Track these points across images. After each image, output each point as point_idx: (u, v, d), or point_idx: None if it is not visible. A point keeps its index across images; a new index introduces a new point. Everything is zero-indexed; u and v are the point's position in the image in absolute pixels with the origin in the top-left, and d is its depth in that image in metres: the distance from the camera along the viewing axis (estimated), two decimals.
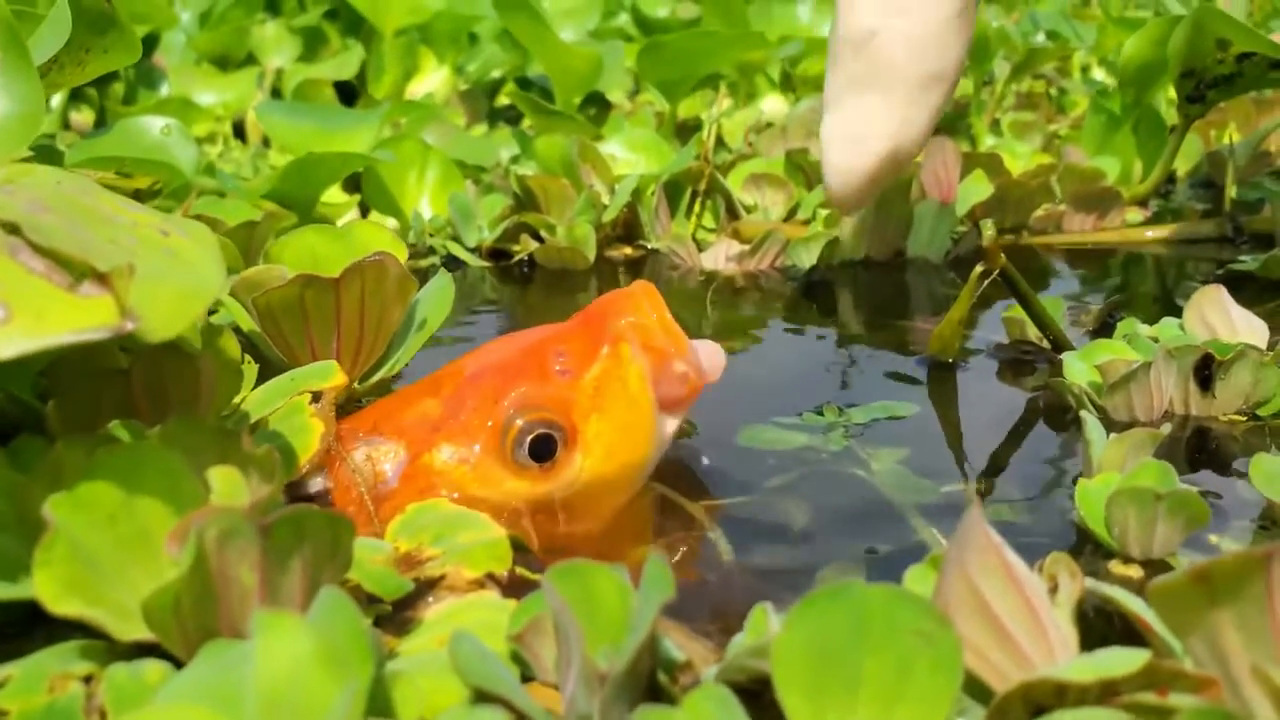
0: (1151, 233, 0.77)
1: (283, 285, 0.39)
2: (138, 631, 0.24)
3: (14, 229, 0.24)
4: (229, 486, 0.25)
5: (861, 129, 0.33)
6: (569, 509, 0.37)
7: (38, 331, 0.23)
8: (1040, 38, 1.34)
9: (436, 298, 0.46)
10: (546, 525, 0.36)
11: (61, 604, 0.23)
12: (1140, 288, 0.69)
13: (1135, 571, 0.33)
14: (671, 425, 0.40)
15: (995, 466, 0.42)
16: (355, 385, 0.44)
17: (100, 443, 0.25)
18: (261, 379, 0.39)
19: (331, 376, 0.36)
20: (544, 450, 0.37)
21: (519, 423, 0.36)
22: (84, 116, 1.15)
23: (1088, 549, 0.35)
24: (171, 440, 0.26)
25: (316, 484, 0.36)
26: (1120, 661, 0.24)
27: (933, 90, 0.33)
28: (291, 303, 0.40)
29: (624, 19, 1.46)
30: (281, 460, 0.28)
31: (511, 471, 0.36)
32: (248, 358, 0.41)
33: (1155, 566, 0.33)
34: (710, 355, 0.40)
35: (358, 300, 0.41)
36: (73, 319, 0.24)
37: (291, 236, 0.46)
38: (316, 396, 0.35)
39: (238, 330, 0.44)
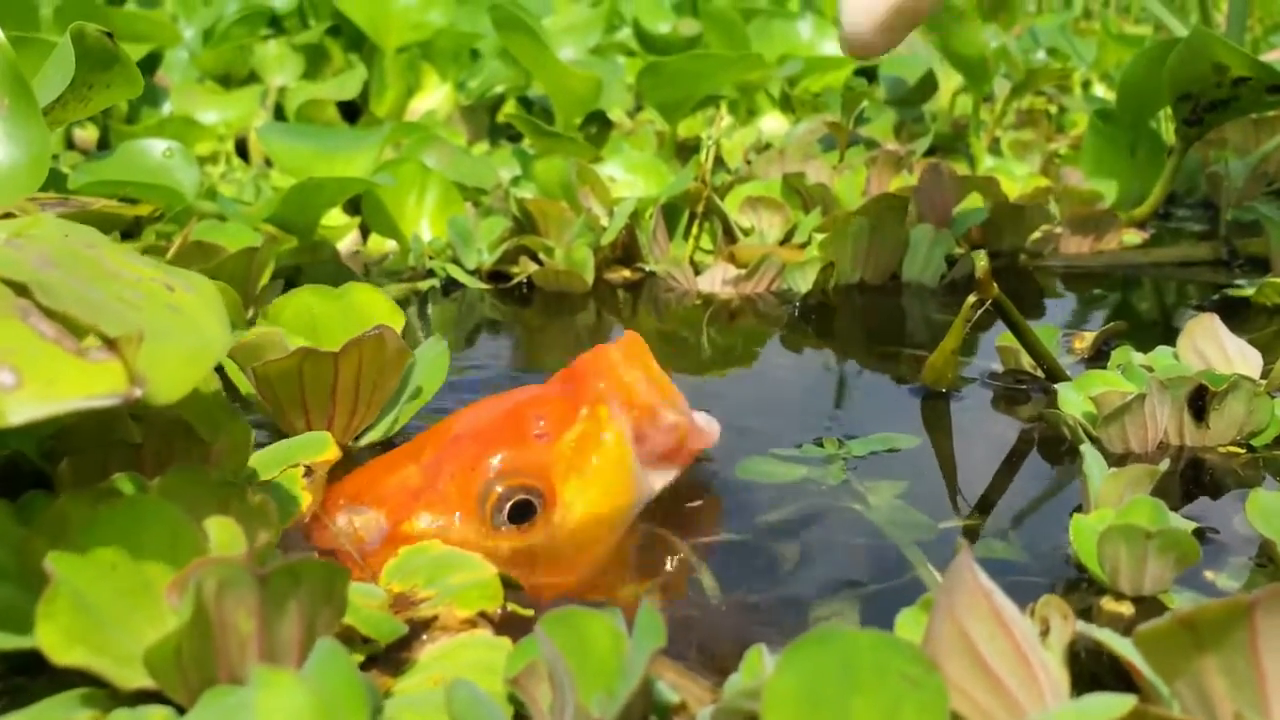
0: (1147, 256, 0.77)
1: (282, 358, 0.41)
2: (140, 679, 0.24)
3: (23, 290, 0.25)
4: (227, 537, 0.25)
5: None
6: (548, 559, 0.37)
7: (49, 397, 0.23)
8: (1041, 55, 1.35)
9: (432, 365, 0.47)
10: (528, 573, 0.36)
11: (64, 654, 0.23)
12: (1136, 311, 0.69)
13: (1127, 609, 0.34)
14: (660, 480, 0.40)
15: (991, 501, 0.42)
16: (350, 443, 0.45)
17: (103, 496, 0.26)
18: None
19: (325, 450, 0.38)
20: (523, 515, 0.37)
21: (498, 489, 0.37)
22: (88, 134, 1.16)
23: (1082, 585, 0.35)
24: (172, 492, 0.27)
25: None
26: (1106, 708, 0.24)
27: None
28: (290, 373, 0.41)
29: (626, 33, 1.46)
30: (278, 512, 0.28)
31: (489, 533, 0.37)
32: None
33: (1147, 604, 0.34)
34: (707, 424, 0.41)
35: (354, 371, 0.42)
36: (83, 385, 0.24)
37: (290, 297, 0.47)
38: (309, 469, 0.36)
39: (230, 385, 0.44)
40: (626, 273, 0.77)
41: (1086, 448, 0.38)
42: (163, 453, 0.33)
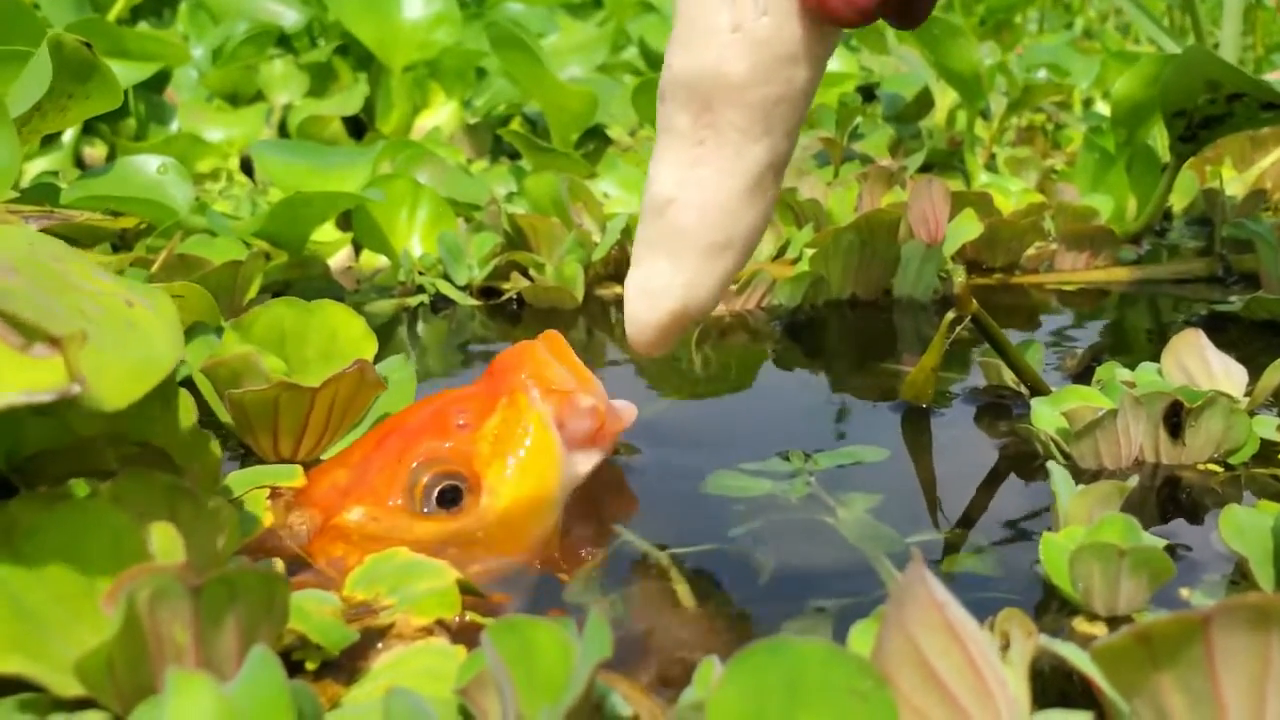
0: (1142, 272, 0.77)
1: (261, 389, 0.42)
2: (78, 687, 0.24)
3: None
4: (167, 543, 0.25)
5: (655, 285, 0.36)
6: (482, 542, 0.38)
7: None
8: (1041, 73, 1.35)
9: (398, 389, 0.48)
10: (465, 558, 0.37)
11: (1, 661, 0.23)
12: (1129, 328, 0.68)
13: (1100, 629, 0.33)
14: (586, 463, 0.41)
15: (963, 516, 0.41)
16: (313, 459, 0.46)
17: (54, 500, 0.26)
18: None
19: (294, 479, 0.39)
20: (451, 499, 0.39)
21: (424, 478, 0.39)
22: (97, 151, 1.16)
23: (1054, 604, 0.34)
24: (121, 498, 0.27)
25: None
26: None
27: (721, 257, 0.36)
28: (266, 402, 0.42)
29: (633, 52, 1.47)
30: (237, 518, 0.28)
31: (419, 519, 0.38)
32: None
33: (1121, 623, 0.33)
34: (624, 408, 0.43)
35: (329, 403, 0.43)
36: (22, 379, 0.24)
37: (263, 309, 0.47)
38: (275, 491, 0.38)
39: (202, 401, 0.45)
40: (618, 288, 0.77)
41: (1054, 465, 0.37)
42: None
